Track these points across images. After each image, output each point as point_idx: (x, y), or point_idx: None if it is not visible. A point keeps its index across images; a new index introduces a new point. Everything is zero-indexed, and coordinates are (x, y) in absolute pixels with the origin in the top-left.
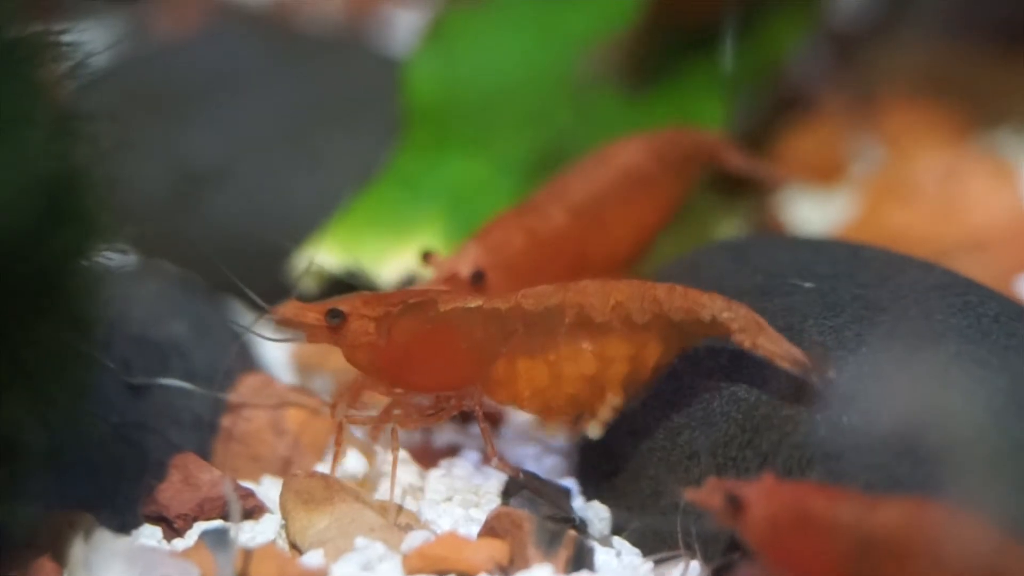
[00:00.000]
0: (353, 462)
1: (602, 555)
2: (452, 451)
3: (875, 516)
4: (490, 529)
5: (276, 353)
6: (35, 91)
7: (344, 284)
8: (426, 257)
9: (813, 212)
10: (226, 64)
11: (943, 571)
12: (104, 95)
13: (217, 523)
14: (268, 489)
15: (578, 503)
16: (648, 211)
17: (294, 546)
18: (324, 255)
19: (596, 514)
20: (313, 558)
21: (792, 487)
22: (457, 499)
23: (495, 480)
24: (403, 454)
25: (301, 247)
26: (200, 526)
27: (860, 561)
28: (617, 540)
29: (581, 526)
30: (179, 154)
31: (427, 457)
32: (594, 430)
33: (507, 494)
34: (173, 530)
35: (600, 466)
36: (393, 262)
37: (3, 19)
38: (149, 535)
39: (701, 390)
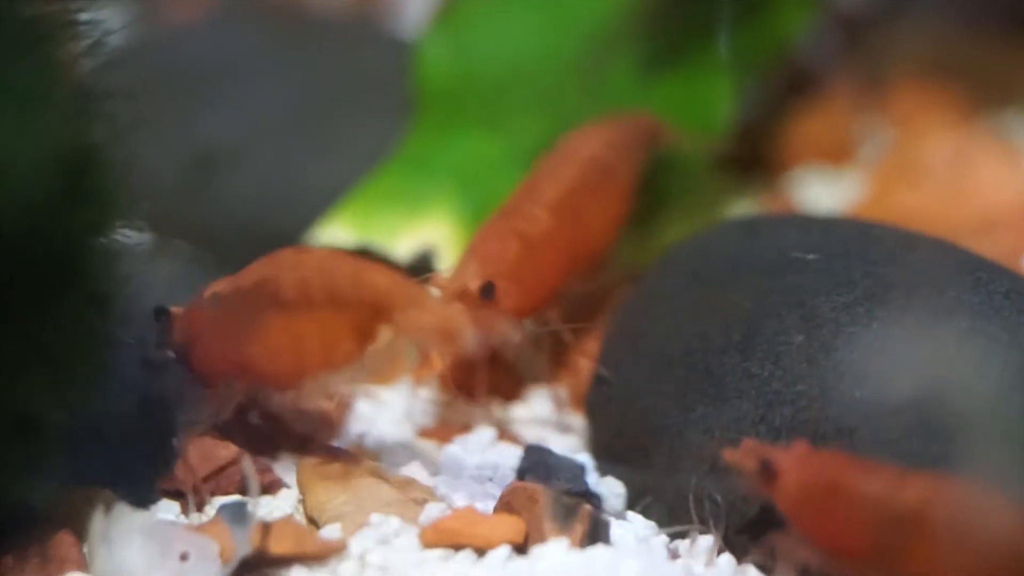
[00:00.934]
0: None
1: (617, 529)
2: (466, 427)
3: (905, 489)
4: (506, 504)
5: None
6: (54, 70)
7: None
8: (427, 279)
9: (823, 193)
10: (237, 47)
11: (968, 545)
12: (117, 77)
13: (235, 497)
14: (285, 464)
15: (592, 479)
16: (613, 200)
17: (312, 521)
18: (336, 235)
19: (610, 489)
20: (331, 532)
21: (825, 456)
22: (473, 474)
23: (510, 456)
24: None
25: (313, 227)
26: (218, 500)
27: (888, 531)
28: (631, 515)
29: (596, 501)
30: (191, 136)
31: (442, 433)
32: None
33: (522, 470)
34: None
35: (614, 442)
36: (405, 240)
37: None
38: (167, 510)
39: (714, 366)
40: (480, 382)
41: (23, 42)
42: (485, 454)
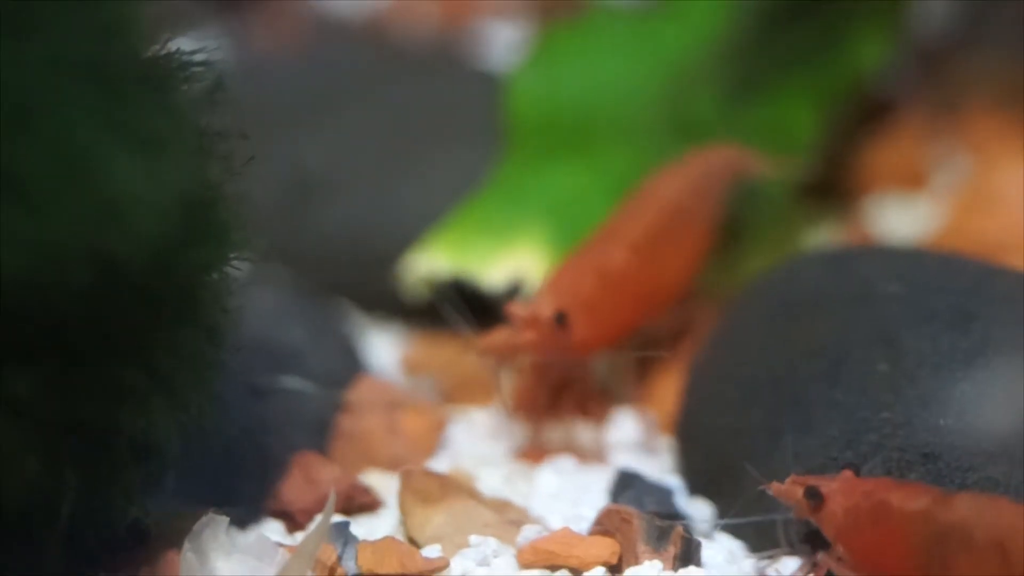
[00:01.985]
0: None
1: (707, 551)
2: (557, 449)
3: (948, 508)
4: (601, 526)
5: (386, 355)
6: (175, 111)
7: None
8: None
9: (898, 220)
10: (326, 77)
11: (1013, 564)
12: (229, 114)
13: (339, 517)
14: (382, 484)
15: (681, 500)
16: (694, 240)
17: (412, 541)
18: (431, 260)
19: (699, 511)
20: (432, 552)
21: (869, 481)
22: (565, 496)
23: (600, 478)
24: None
25: (407, 253)
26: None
27: (933, 551)
28: (720, 536)
29: (685, 523)
30: (286, 165)
31: (534, 455)
32: None
33: (614, 492)
34: (295, 524)
35: (703, 465)
36: (498, 267)
37: (145, 40)
38: (272, 530)
39: (801, 394)
40: (547, 406)
41: (146, 85)
42: (576, 475)
